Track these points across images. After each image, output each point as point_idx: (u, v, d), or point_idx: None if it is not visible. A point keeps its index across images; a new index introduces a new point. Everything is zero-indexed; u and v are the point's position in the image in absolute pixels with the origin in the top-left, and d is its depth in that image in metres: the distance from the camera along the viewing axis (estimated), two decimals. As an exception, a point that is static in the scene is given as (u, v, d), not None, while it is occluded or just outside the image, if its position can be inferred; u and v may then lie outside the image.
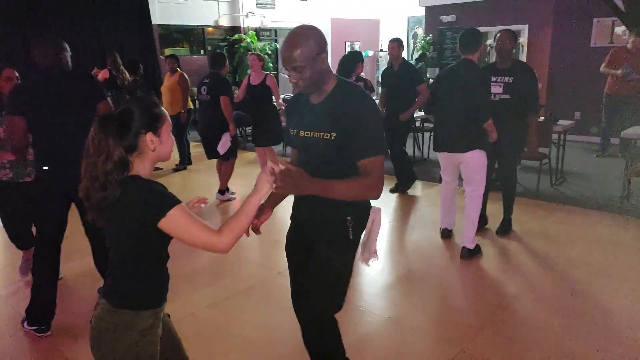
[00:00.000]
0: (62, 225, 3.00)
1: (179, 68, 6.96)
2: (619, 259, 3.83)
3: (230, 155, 5.47)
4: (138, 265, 1.53)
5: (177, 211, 1.43)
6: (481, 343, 2.80)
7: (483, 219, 4.40)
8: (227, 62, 5.65)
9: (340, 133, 1.82)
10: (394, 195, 5.67)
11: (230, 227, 1.51)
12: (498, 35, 4.03)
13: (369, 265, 2.20)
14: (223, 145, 5.29)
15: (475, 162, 3.74)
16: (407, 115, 5.38)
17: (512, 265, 3.84)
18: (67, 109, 2.81)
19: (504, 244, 4.18)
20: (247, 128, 8.84)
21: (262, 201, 1.66)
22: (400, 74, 5.34)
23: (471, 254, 3.90)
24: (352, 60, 4.75)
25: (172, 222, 1.43)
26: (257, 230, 2.00)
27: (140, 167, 1.49)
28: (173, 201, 1.45)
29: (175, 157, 7.40)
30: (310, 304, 2.03)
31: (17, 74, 3.52)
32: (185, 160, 7.27)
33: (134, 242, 1.49)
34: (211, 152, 5.51)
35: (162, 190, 1.48)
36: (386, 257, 4.11)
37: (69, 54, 2.95)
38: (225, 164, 5.51)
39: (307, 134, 1.91)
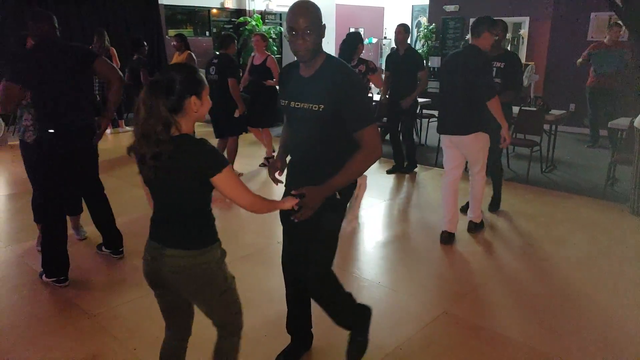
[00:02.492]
0: (64, 183, 3.27)
1: (189, 48, 7.06)
2: (597, 237, 4.10)
3: (238, 131, 5.63)
4: (200, 209, 1.75)
5: (229, 171, 1.67)
6: (463, 306, 3.05)
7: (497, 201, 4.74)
8: (235, 42, 5.78)
9: (328, 105, 1.98)
10: (392, 176, 5.90)
11: (263, 200, 1.81)
12: None
13: (353, 228, 2.39)
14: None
15: (478, 144, 3.85)
16: (409, 102, 5.59)
17: (499, 241, 4.10)
18: (63, 76, 3.09)
19: (493, 222, 4.43)
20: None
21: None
22: (405, 59, 5.56)
23: (477, 227, 4.21)
24: (353, 41, 4.89)
25: (224, 178, 1.66)
26: (276, 182, 2.32)
27: (186, 127, 1.69)
28: (226, 160, 1.69)
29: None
30: (315, 261, 2.23)
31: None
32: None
33: (195, 190, 1.69)
34: (220, 131, 5.69)
35: (216, 150, 1.70)
36: (381, 231, 4.36)
37: (56, 25, 3.22)
38: (231, 142, 5.65)
39: (297, 105, 2.08)
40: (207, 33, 11.48)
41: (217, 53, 5.65)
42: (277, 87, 6.03)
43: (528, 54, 9.64)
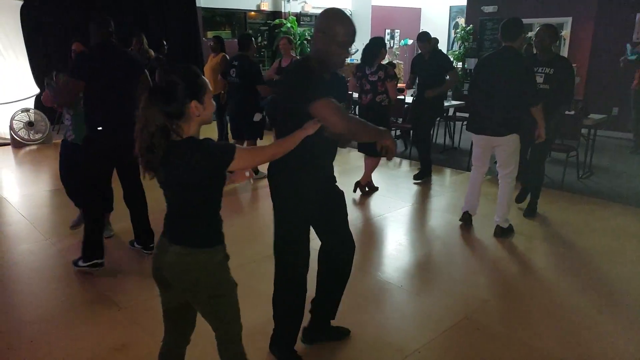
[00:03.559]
0: (107, 179, 3.53)
1: (224, 50, 7.19)
2: (634, 248, 3.95)
3: (257, 135, 5.65)
4: (207, 209, 1.79)
5: (239, 151, 1.73)
6: (485, 313, 3.02)
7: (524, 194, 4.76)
8: (253, 42, 5.69)
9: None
10: (420, 181, 5.84)
11: (278, 144, 1.94)
12: (538, 30, 4.28)
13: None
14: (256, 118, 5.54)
15: (512, 146, 3.90)
16: (433, 93, 5.53)
17: (528, 247, 4.02)
18: (117, 78, 3.35)
19: (522, 229, 4.33)
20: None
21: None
22: (431, 62, 5.58)
23: (504, 233, 4.13)
24: (376, 47, 4.91)
25: (240, 159, 1.72)
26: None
27: (189, 131, 1.73)
28: (232, 146, 1.74)
29: (212, 137, 7.80)
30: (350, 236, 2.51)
31: (81, 47, 4.08)
32: (223, 139, 7.61)
33: (203, 189, 1.74)
34: (237, 133, 5.77)
35: (218, 142, 1.75)
36: (405, 234, 4.35)
37: (113, 30, 3.48)
38: (248, 144, 5.62)
39: None
40: (244, 35, 11.68)
41: (237, 54, 5.57)
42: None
43: (570, 56, 9.35)
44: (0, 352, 2.61)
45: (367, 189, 5.31)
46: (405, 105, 7.23)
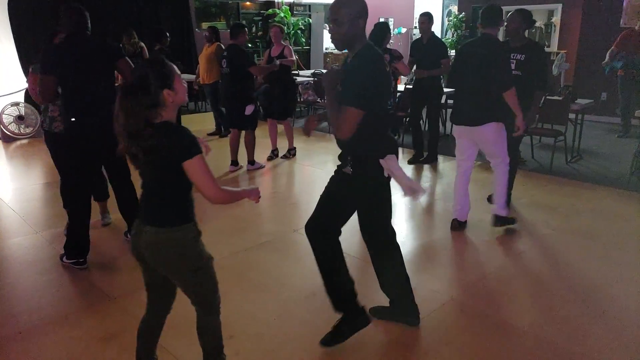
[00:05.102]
0: (88, 171, 3.49)
1: (219, 40, 7.18)
2: (617, 228, 4.03)
3: (250, 126, 5.65)
4: (175, 191, 1.86)
5: (199, 158, 1.79)
6: (471, 295, 3.07)
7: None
8: (246, 31, 5.71)
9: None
10: (411, 167, 5.90)
11: (229, 192, 1.93)
12: (510, 14, 4.18)
13: (416, 199, 2.55)
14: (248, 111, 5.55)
15: (490, 135, 3.79)
16: (424, 74, 5.60)
17: (515, 231, 4.06)
18: (91, 67, 3.27)
19: (512, 213, 4.36)
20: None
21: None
22: (428, 47, 5.62)
23: (503, 222, 4.01)
24: (381, 31, 5.06)
25: (194, 166, 1.78)
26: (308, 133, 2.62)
27: (166, 115, 1.81)
28: (198, 149, 1.79)
29: (209, 126, 7.82)
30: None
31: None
32: (220, 128, 7.62)
33: (172, 172, 1.80)
34: (230, 123, 5.79)
35: (192, 136, 1.80)
36: (396, 220, 4.37)
37: (88, 19, 3.38)
38: (247, 135, 5.70)
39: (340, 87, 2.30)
40: (236, 25, 11.65)
41: (228, 44, 5.58)
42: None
43: (560, 42, 9.38)
44: (-10, 343, 2.63)
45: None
46: (398, 94, 7.24)
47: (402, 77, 7.08)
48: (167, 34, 7.28)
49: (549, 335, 2.65)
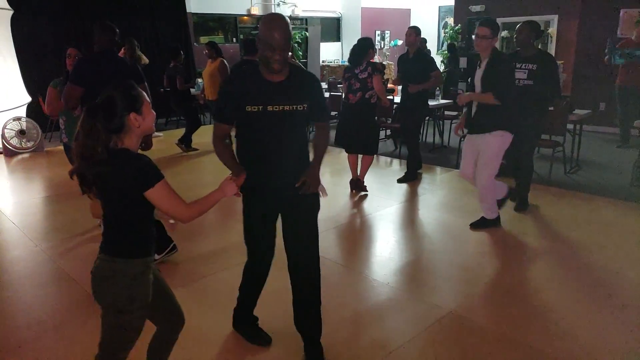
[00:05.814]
0: None
1: (221, 55, 7.20)
2: (617, 239, 4.02)
3: None
4: (128, 222, 1.79)
5: (162, 185, 1.71)
6: (470, 308, 3.06)
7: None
8: None
9: (308, 103, 2.30)
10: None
11: (199, 204, 1.83)
12: (519, 26, 4.31)
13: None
14: None
15: (491, 147, 3.86)
16: (416, 88, 5.50)
17: (515, 243, 4.07)
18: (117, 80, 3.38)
19: (511, 224, 4.38)
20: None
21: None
22: (414, 62, 5.56)
23: (486, 224, 4.24)
24: (364, 47, 4.98)
25: (157, 193, 1.71)
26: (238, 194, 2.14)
27: (128, 142, 1.74)
28: (159, 175, 1.71)
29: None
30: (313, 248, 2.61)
31: (75, 52, 4.27)
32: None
33: (126, 203, 1.75)
34: None
35: (151, 165, 1.72)
36: (393, 232, 4.40)
37: (117, 37, 3.57)
38: None
39: (278, 107, 2.21)
40: (235, 39, 11.76)
41: (241, 59, 5.71)
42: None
43: (557, 53, 9.44)
44: (-11, 357, 2.64)
45: (365, 185, 5.37)
46: (395, 105, 7.29)
47: (398, 89, 7.10)
48: (182, 52, 7.45)
49: (551, 350, 2.64)
